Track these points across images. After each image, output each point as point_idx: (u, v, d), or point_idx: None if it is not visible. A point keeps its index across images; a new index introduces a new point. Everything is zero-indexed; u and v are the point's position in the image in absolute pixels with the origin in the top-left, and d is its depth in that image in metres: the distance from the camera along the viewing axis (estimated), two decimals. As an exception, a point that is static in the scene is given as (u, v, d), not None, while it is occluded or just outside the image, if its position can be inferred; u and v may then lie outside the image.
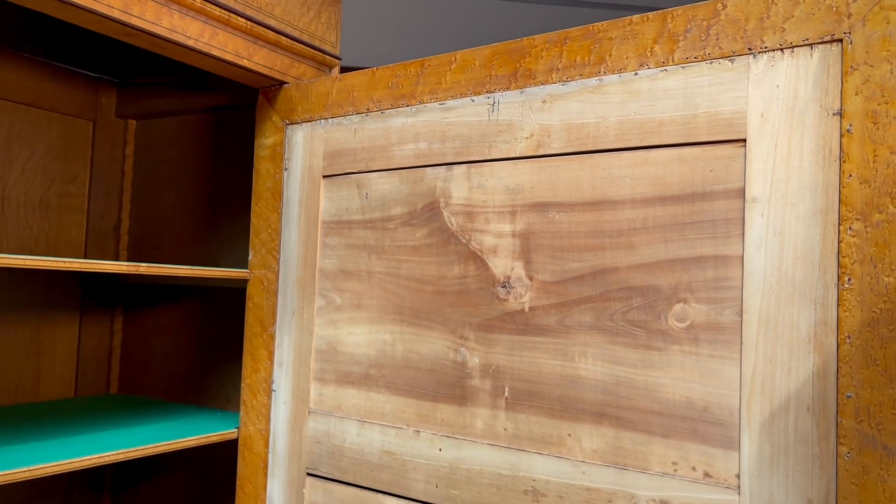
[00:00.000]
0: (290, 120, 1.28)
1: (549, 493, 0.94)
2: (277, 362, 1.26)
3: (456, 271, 1.06)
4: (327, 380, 1.19)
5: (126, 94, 1.65)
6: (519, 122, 1.01)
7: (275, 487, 1.24)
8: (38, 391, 1.50)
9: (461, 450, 1.02)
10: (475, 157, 1.05)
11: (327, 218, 1.22)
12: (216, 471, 1.51)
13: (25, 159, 1.47)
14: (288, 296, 1.26)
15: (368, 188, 1.17)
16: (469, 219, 1.05)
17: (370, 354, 1.15)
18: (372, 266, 1.16)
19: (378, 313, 1.14)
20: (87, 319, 1.58)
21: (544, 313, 0.97)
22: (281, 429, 1.24)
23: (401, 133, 1.13)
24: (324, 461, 1.17)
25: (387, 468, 1.10)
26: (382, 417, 1.12)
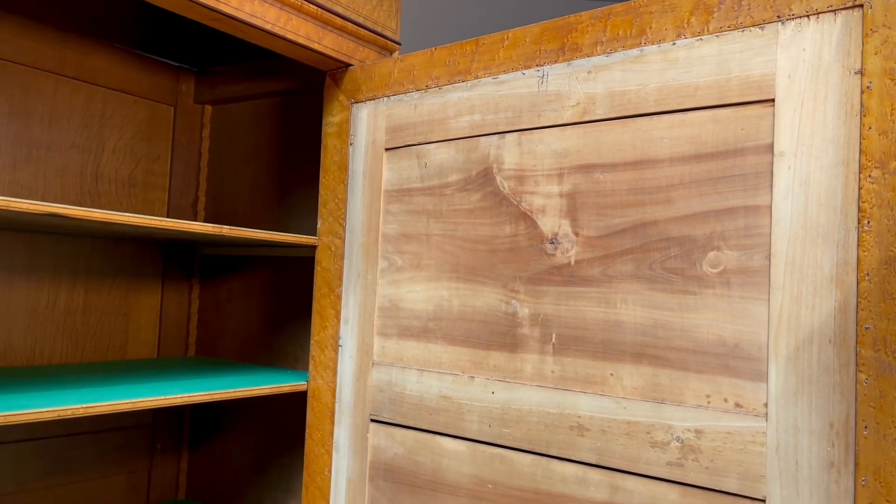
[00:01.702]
0: (355, 99, 1.39)
1: (592, 427, 1.03)
2: (343, 320, 1.37)
3: (507, 231, 1.16)
4: (389, 334, 1.30)
5: (203, 82, 1.80)
6: (566, 91, 1.10)
7: (341, 433, 1.35)
8: (125, 351, 1.65)
9: (512, 392, 1.12)
10: (526, 126, 1.14)
11: (389, 187, 1.33)
12: (281, 427, 1.64)
13: (116, 140, 1.63)
14: (353, 259, 1.37)
15: (427, 158, 1.28)
16: (520, 182, 1.15)
17: (428, 309, 1.25)
18: (430, 229, 1.26)
19: (436, 272, 1.25)
20: (167, 288, 1.73)
21: (589, 265, 1.06)
22: (347, 380, 1.35)
23: (457, 106, 1.23)
24: (386, 408, 1.28)
25: (444, 411, 1.20)
26: (440, 366, 1.22)
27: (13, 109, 1.45)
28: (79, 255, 1.56)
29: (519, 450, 1.11)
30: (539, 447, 1.08)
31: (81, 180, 1.56)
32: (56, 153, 1.52)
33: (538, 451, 1.08)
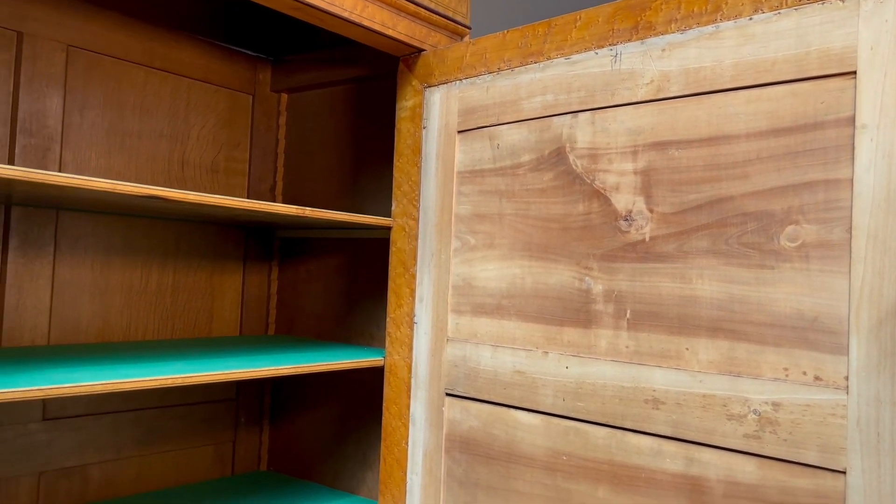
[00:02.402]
0: (428, 83, 1.43)
1: (667, 400, 1.04)
2: (418, 298, 1.42)
3: (580, 209, 1.18)
4: (463, 311, 1.34)
5: (279, 71, 1.87)
6: (640, 70, 1.11)
7: (417, 407, 1.40)
8: (210, 329, 1.74)
9: (586, 367, 1.14)
10: (599, 105, 1.16)
11: (461, 168, 1.37)
12: (358, 402, 1.70)
13: (200, 127, 1.71)
14: (427, 239, 1.41)
15: (499, 139, 1.30)
16: (593, 160, 1.16)
17: (502, 287, 1.28)
18: (503, 209, 1.29)
19: (509, 250, 1.28)
20: (249, 269, 1.81)
21: (664, 242, 1.07)
22: (422, 356, 1.40)
23: (529, 87, 1.25)
24: (461, 382, 1.32)
25: (518, 386, 1.23)
26: (513, 342, 1.25)
27: (107, 100, 1.54)
28: (168, 237, 1.65)
29: (593, 423, 1.13)
30: (614, 420, 1.10)
31: (169, 167, 1.65)
32: (146, 141, 1.61)
33: (613, 423, 1.11)
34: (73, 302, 1.48)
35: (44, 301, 1.43)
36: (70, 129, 1.47)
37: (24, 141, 1.39)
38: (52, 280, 1.44)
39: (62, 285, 1.46)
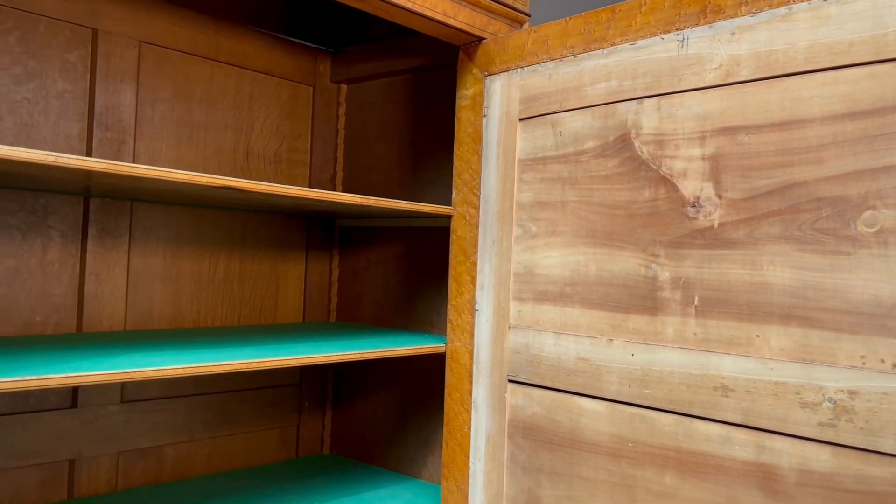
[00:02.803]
0: (489, 71, 1.43)
1: (737, 388, 1.04)
2: (479, 286, 1.43)
3: (646, 195, 1.17)
4: (525, 298, 1.35)
5: (339, 62, 1.89)
6: (708, 54, 1.10)
7: (479, 393, 1.42)
8: (275, 316, 1.79)
9: (652, 354, 1.14)
10: (665, 90, 1.15)
11: (523, 156, 1.37)
12: (418, 388, 1.73)
13: (263, 119, 1.75)
14: (488, 227, 1.42)
15: (562, 126, 1.30)
16: (659, 147, 1.16)
17: (565, 275, 1.29)
18: (566, 196, 1.29)
19: (572, 238, 1.28)
20: (311, 257, 1.85)
21: (733, 228, 1.06)
22: (484, 342, 1.41)
23: (593, 74, 1.25)
24: (523, 369, 1.33)
25: (582, 373, 1.24)
26: (577, 329, 1.26)
27: (176, 94, 1.58)
28: (235, 227, 1.69)
29: (660, 410, 1.13)
30: (681, 407, 1.10)
31: (235, 158, 1.69)
32: (213, 133, 1.65)
33: (680, 411, 1.10)
34: (147, 290, 1.54)
35: (120, 289, 1.48)
36: (142, 123, 1.52)
37: (101, 134, 1.45)
38: (128, 269, 1.50)
39: (136, 274, 1.52)
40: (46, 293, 1.39)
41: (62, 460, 1.41)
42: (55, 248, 1.40)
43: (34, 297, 1.38)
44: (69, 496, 1.42)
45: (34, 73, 1.37)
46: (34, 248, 1.38)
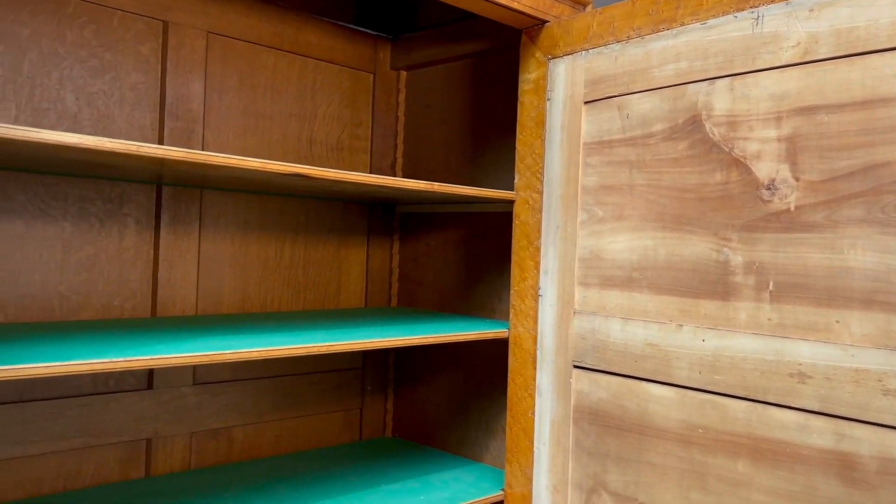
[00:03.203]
0: (552, 54, 1.42)
1: (815, 374, 1.01)
2: (543, 271, 1.43)
3: (718, 178, 1.15)
4: (590, 284, 1.34)
5: (398, 48, 1.90)
6: (784, 32, 1.07)
7: (543, 378, 1.42)
8: (338, 301, 1.81)
9: (724, 340, 1.12)
10: (738, 70, 1.12)
11: (588, 140, 1.36)
12: (480, 373, 1.74)
13: (325, 107, 1.77)
14: (552, 212, 1.42)
15: (629, 109, 1.29)
16: (732, 128, 1.13)
17: (632, 259, 1.27)
18: (633, 180, 1.28)
19: (639, 222, 1.26)
20: (372, 243, 1.87)
21: (811, 211, 1.03)
22: (548, 328, 1.41)
23: (661, 55, 1.23)
24: (589, 354, 1.33)
25: (650, 358, 1.23)
26: (645, 314, 1.25)
27: (242, 83, 1.61)
28: (299, 214, 1.72)
29: (732, 396, 1.11)
30: (754, 394, 1.08)
31: (298, 146, 1.72)
32: (277, 122, 1.68)
33: (753, 397, 1.08)
34: (216, 275, 1.58)
35: (191, 274, 1.53)
36: (210, 112, 1.56)
37: (172, 124, 1.49)
38: (198, 255, 1.54)
39: (207, 260, 1.56)
40: (123, 279, 1.44)
41: (140, 439, 1.46)
42: (131, 235, 1.45)
43: (112, 282, 1.43)
44: (146, 474, 1.48)
45: (109, 65, 1.42)
46: (111, 236, 1.43)
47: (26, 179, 1.33)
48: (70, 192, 1.38)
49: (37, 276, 1.34)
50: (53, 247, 1.36)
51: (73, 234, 1.38)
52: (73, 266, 1.38)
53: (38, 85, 1.34)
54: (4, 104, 1.30)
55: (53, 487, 1.36)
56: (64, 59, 1.36)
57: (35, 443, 1.33)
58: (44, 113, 1.34)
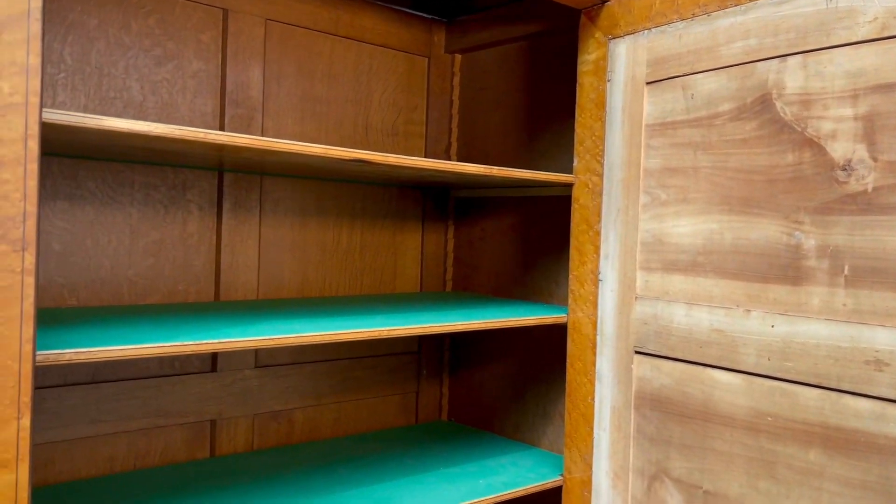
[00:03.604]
0: (613, 34, 1.39)
1: (893, 362, 0.98)
2: (603, 255, 1.41)
3: (789, 159, 1.11)
4: (653, 268, 1.32)
5: (453, 31, 1.89)
6: (861, 6, 1.02)
7: (603, 364, 1.40)
8: (394, 286, 1.82)
9: (795, 325, 1.09)
10: (811, 47, 1.08)
11: (650, 121, 1.33)
12: (536, 358, 1.73)
13: (381, 92, 1.77)
14: (612, 195, 1.39)
15: (693, 89, 1.25)
16: (804, 107, 1.09)
17: (697, 243, 1.24)
18: (698, 161, 1.25)
19: (705, 205, 1.23)
20: (427, 228, 1.87)
21: (890, 192, 0.99)
22: (608, 313, 1.39)
23: (729, 32, 1.19)
24: (651, 340, 1.31)
25: (715, 344, 1.20)
26: (711, 300, 1.22)
27: (300, 70, 1.62)
28: (355, 199, 1.73)
29: (803, 383, 1.08)
30: (827, 381, 1.05)
31: (354, 131, 1.73)
32: (334, 107, 1.69)
33: (826, 385, 1.05)
34: (277, 260, 1.60)
35: (252, 259, 1.55)
36: (269, 99, 1.58)
37: (232, 111, 1.51)
38: (259, 240, 1.57)
39: (267, 245, 1.58)
40: (187, 263, 1.47)
41: (204, 420, 1.50)
42: (194, 221, 1.48)
43: (177, 267, 1.46)
44: (211, 454, 1.51)
45: (172, 54, 1.44)
46: (176, 221, 1.46)
47: (95, 167, 1.37)
48: (136, 179, 1.41)
49: (106, 262, 1.38)
50: (122, 233, 1.40)
51: (139, 220, 1.42)
52: (140, 251, 1.42)
53: (106, 74, 1.37)
54: (74, 94, 1.33)
55: (125, 466, 1.41)
56: (129, 48, 1.39)
57: (106, 422, 1.38)
58: (111, 102, 1.37)
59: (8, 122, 0.77)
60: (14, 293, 0.78)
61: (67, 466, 1.34)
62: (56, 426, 1.32)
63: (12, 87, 0.77)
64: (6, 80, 0.77)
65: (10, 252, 0.78)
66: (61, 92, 1.32)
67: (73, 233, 1.35)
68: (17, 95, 0.77)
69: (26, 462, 0.79)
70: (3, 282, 0.77)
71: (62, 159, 1.33)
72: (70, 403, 1.33)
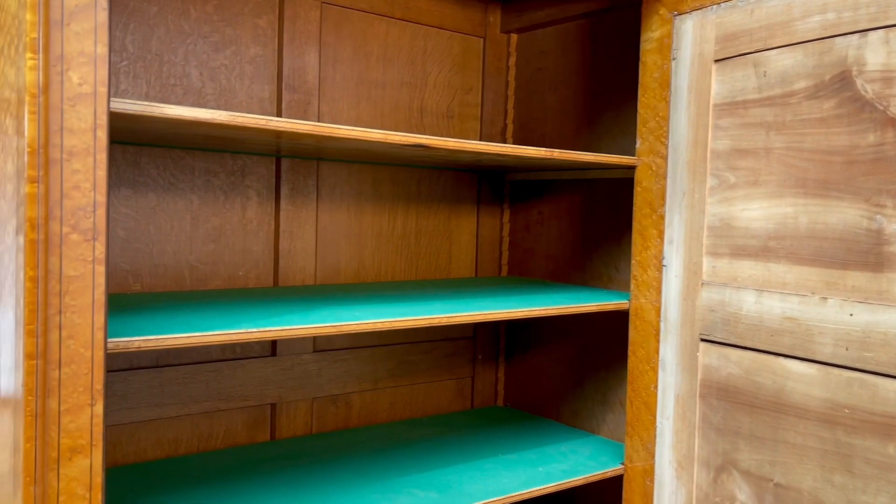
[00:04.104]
0: (678, 10, 1.34)
1: None
2: (668, 240, 1.37)
3: (871, 140, 1.05)
4: (720, 254, 1.27)
5: (509, 11, 1.85)
6: (955, -26, 0.95)
7: (667, 351, 1.36)
8: (449, 270, 1.81)
9: (876, 314, 1.04)
10: (894, 21, 1.02)
11: (718, 100, 1.28)
12: (595, 344, 1.70)
13: (436, 74, 1.75)
14: (677, 178, 1.35)
15: (766, 66, 1.20)
16: (887, 84, 1.03)
17: (768, 228, 1.20)
18: (770, 142, 1.19)
19: (777, 188, 1.18)
20: (482, 212, 1.85)
21: (984, 174, 0.93)
22: (672, 299, 1.35)
23: (805, 6, 1.13)
24: (718, 328, 1.27)
25: (788, 333, 1.15)
26: (783, 286, 1.17)
27: (355, 53, 1.61)
28: (410, 184, 1.72)
29: (885, 375, 1.03)
30: (912, 373, 1.00)
31: (409, 115, 1.71)
32: (389, 91, 1.67)
33: (910, 377, 1.00)
34: (333, 245, 1.60)
35: (310, 245, 1.55)
36: (325, 83, 1.57)
37: (289, 96, 1.51)
38: (316, 225, 1.57)
39: (324, 230, 1.58)
40: (247, 249, 1.48)
41: (265, 404, 1.52)
42: (253, 207, 1.49)
43: (237, 252, 1.47)
44: (272, 437, 1.53)
45: (230, 39, 1.44)
46: (235, 207, 1.47)
47: (156, 154, 1.38)
48: (196, 166, 1.42)
49: (168, 248, 1.40)
50: (183, 219, 1.41)
51: (200, 206, 1.43)
52: (201, 237, 1.43)
53: (166, 62, 1.38)
54: (136, 82, 1.35)
55: (188, 448, 1.44)
56: (188, 35, 1.40)
57: (170, 406, 1.40)
58: (171, 88, 1.38)
59: (78, 113, 0.77)
60: (86, 282, 0.79)
61: (133, 448, 1.37)
62: (122, 409, 1.35)
63: (81, 77, 0.77)
64: (75, 70, 0.77)
65: (82, 241, 0.78)
66: (124, 80, 1.33)
67: (137, 219, 1.36)
68: (86, 85, 0.78)
69: (100, 447, 0.80)
70: (75, 271, 0.78)
71: (125, 147, 1.35)
72: (135, 387, 1.36)
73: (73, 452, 0.78)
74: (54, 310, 0.77)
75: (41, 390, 0.77)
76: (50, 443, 0.77)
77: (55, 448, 0.78)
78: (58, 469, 0.78)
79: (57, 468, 0.78)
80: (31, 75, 0.75)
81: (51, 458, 0.77)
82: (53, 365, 0.77)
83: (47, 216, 0.76)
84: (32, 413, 0.76)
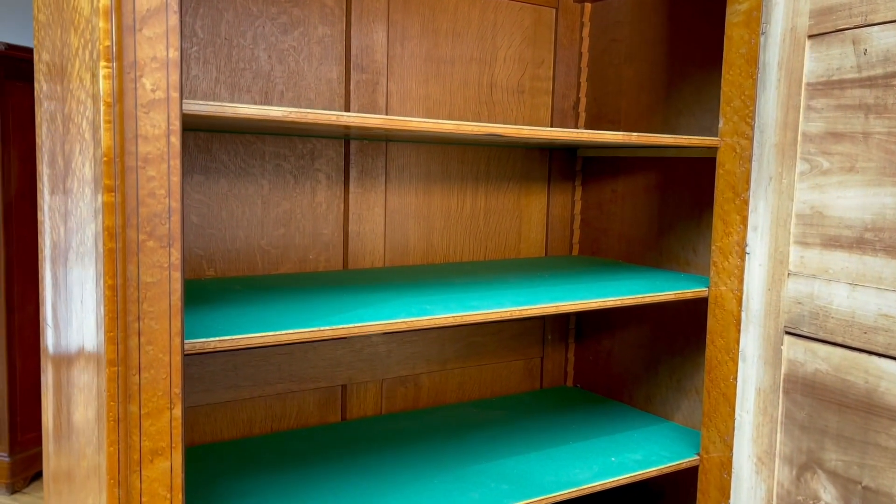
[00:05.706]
0: (769, -20, 1.24)
1: None
2: (751, 227, 1.30)
3: None
4: (810, 243, 1.20)
5: (582, -21, 1.77)
6: None
7: (748, 342, 1.31)
8: (518, 250, 1.78)
9: None
10: None
11: (811, 79, 1.19)
12: (670, 329, 1.65)
13: (506, 48, 1.69)
14: (764, 161, 1.27)
15: (867, 43, 1.10)
16: None
17: (865, 218, 1.12)
18: (869, 126, 1.11)
19: (876, 175, 1.10)
20: (553, 190, 1.80)
21: None
22: (755, 289, 1.29)
23: (916, -23, 1.03)
24: (805, 321, 1.20)
25: (884, 331, 1.08)
26: (880, 281, 1.10)
27: (424, 30, 1.57)
28: (479, 162, 1.68)
29: None
30: None
31: (479, 91, 1.66)
32: (458, 67, 1.63)
33: None
34: (402, 227, 1.59)
35: (379, 226, 1.55)
36: (393, 61, 1.54)
37: (357, 76, 1.48)
38: (385, 208, 1.55)
39: (392, 212, 1.57)
40: (317, 232, 1.48)
41: (336, 385, 1.53)
42: (322, 190, 1.48)
43: (307, 236, 1.47)
44: (342, 418, 1.55)
45: (298, 20, 1.42)
46: (305, 191, 1.46)
47: (227, 139, 1.38)
48: (266, 150, 1.42)
49: (241, 233, 1.41)
50: (254, 204, 1.42)
51: (270, 190, 1.43)
52: (272, 222, 1.44)
53: (235, 45, 1.37)
54: (206, 67, 1.34)
55: (262, 428, 1.47)
56: (257, 17, 1.38)
57: (244, 387, 1.43)
58: (240, 73, 1.38)
59: (151, 119, 0.77)
60: (163, 288, 0.79)
61: (210, 429, 1.41)
62: (199, 391, 1.38)
63: (154, 83, 0.77)
64: (148, 76, 0.76)
65: (158, 248, 0.79)
66: (194, 66, 1.33)
67: (210, 205, 1.38)
68: (158, 91, 0.77)
69: (179, 449, 0.82)
70: (152, 277, 0.79)
71: (197, 133, 1.35)
72: (211, 370, 1.39)
73: (154, 455, 0.80)
74: (133, 316, 0.78)
75: (122, 395, 0.78)
76: (132, 446, 0.79)
77: (137, 451, 0.79)
78: (140, 471, 0.79)
79: (139, 470, 0.79)
80: (105, 84, 0.74)
81: (133, 461, 0.79)
82: (133, 370, 0.78)
83: (124, 224, 0.77)
84: (115, 418, 0.78)
